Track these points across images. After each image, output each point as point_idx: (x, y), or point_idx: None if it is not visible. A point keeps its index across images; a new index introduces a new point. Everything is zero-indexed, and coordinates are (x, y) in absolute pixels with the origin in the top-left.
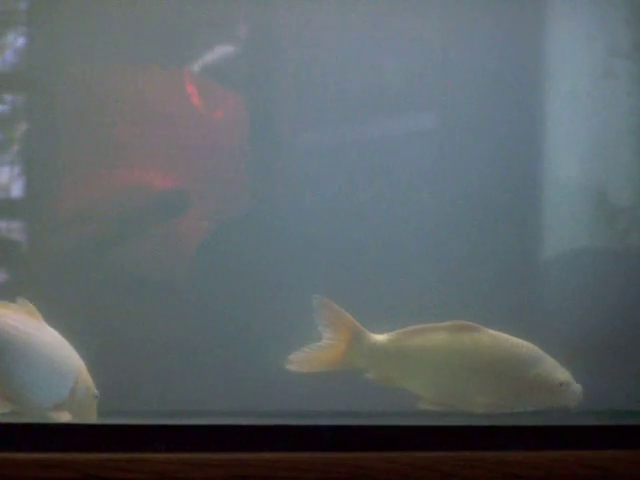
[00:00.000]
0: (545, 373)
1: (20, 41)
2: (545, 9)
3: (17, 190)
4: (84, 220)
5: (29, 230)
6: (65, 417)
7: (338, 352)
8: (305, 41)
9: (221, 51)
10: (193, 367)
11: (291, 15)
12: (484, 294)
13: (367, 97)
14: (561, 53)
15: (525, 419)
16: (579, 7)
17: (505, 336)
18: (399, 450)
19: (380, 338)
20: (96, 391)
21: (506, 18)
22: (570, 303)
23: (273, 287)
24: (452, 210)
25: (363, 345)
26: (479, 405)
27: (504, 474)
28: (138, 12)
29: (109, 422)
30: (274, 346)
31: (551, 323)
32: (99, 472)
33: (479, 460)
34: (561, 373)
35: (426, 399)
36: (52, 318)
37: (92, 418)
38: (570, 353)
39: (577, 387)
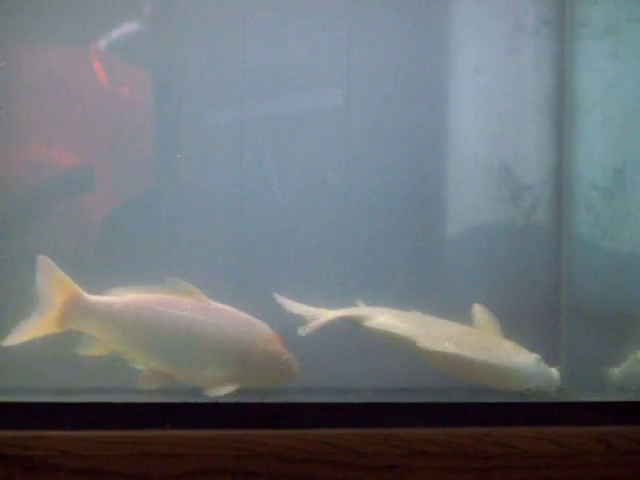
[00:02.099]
0: None
1: None
2: None
3: None
4: None
5: None
6: (225, 389)
7: None
8: (212, 18)
9: (127, 28)
10: None
11: None
12: (390, 271)
13: (272, 75)
14: (466, 30)
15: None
16: None
17: None
18: (305, 427)
19: None
20: (284, 359)
21: None
22: (474, 278)
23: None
24: (358, 188)
25: None
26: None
27: (411, 450)
28: None
29: (13, 400)
30: None
31: (456, 298)
32: (4, 449)
33: (386, 437)
34: None
35: None
36: None
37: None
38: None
39: None
